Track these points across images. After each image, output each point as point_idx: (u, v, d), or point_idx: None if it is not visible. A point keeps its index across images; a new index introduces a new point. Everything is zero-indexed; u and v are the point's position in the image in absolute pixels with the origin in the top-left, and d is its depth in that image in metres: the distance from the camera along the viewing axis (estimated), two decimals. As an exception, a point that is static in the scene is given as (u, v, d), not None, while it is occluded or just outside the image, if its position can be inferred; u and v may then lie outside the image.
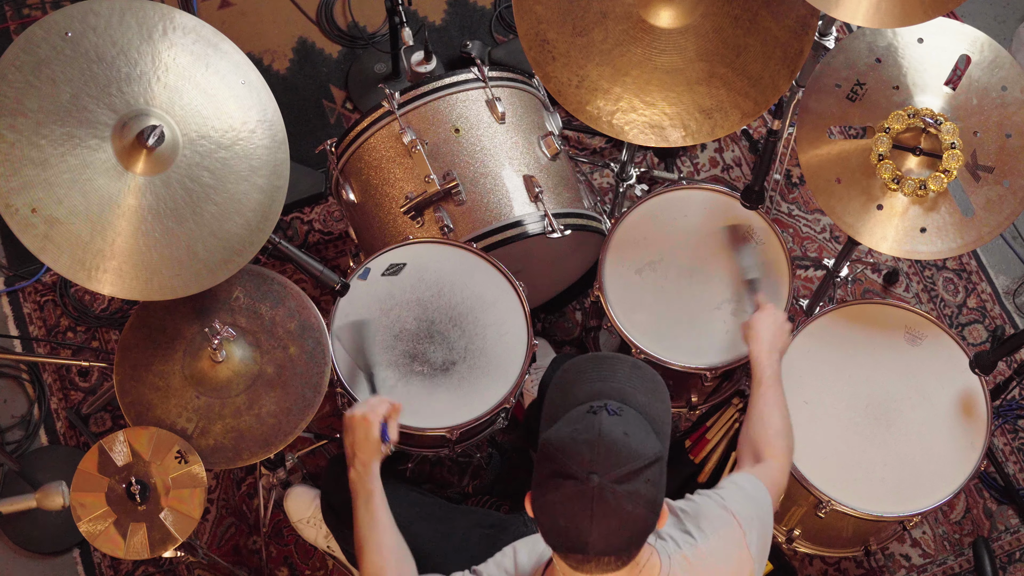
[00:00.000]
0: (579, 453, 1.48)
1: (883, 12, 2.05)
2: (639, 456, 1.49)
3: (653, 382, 1.62)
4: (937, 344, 2.44)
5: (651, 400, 1.58)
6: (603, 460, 1.47)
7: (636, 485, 1.48)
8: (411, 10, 3.38)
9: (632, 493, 1.47)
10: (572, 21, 2.26)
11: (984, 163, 2.25)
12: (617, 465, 1.47)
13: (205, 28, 2.11)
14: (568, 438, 1.51)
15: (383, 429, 1.98)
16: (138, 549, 2.10)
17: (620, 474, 1.47)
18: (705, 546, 1.70)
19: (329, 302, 2.58)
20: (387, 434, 1.99)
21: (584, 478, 1.47)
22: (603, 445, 1.48)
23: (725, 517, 1.74)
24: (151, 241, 2.02)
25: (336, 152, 2.70)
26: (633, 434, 1.50)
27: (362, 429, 1.96)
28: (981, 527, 2.90)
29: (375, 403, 2.01)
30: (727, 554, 1.71)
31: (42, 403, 2.95)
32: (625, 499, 1.47)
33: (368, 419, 1.97)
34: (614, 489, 1.47)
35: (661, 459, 1.52)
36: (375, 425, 1.97)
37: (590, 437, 1.49)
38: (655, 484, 1.50)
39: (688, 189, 2.60)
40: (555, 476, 1.50)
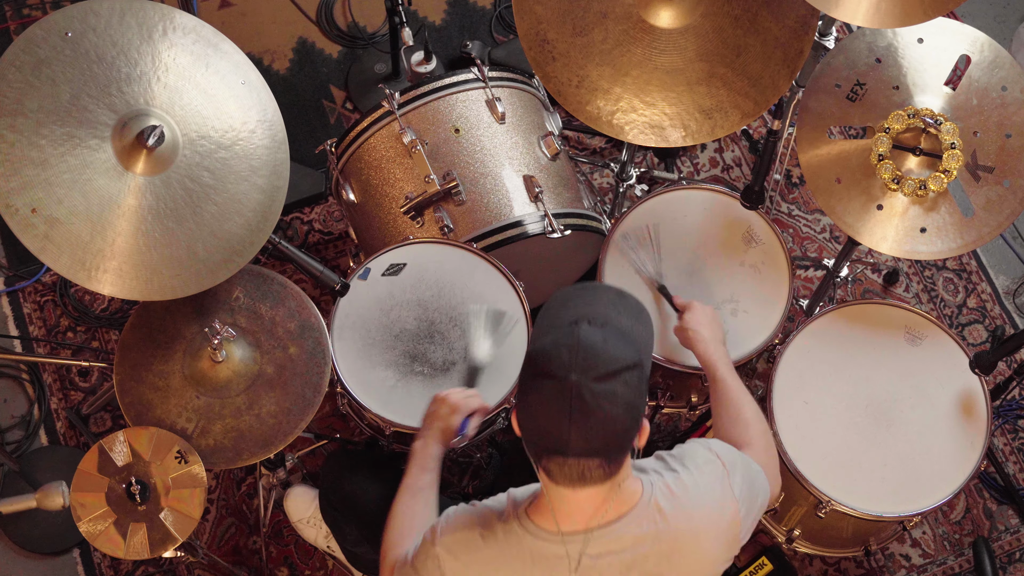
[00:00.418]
0: (559, 356, 1.53)
1: (883, 12, 2.05)
2: (617, 359, 1.53)
3: (637, 308, 1.66)
4: (937, 344, 2.44)
5: (634, 324, 1.62)
6: (582, 361, 1.51)
7: (614, 385, 1.52)
8: (411, 10, 3.38)
9: (610, 392, 1.51)
10: (572, 21, 2.26)
11: (984, 163, 2.25)
12: (595, 366, 1.52)
13: (205, 28, 2.11)
14: (549, 343, 1.56)
15: (464, 422, 2.03)
16: (138, 549, 2.10)
17: (598, 374, 1.51)
18: (688, 479, 1.72)
19: (329, 302, 2.58)
20: (466, 428, 2.03)
21: (563, 376, 1.51)
22: (582, 348, 1.52)
23: (709, 456, 1.76)
24: (151, 241, 2.02)
25: (336, 152, 2.70)
26: (612, 341, 1.54)
27: (447, 413, 2.02)
28: (981, 527, 2.90)
29: (469, 395, 2.07)
30: (710, 488, 1.72)
31: (42, 403, 2.95)
32: (603, 398, 1.51)
33: (458, 407, 2.03)
34: (592, 387, 1.50)
35: (640, 366, 1.55)
36: (460, 415, 2.03)
37: (569, 342, 1.54)
38: (633, 388, 1.54)
39: (688, 189, 2.60)
40: (536, 377, 1.55)
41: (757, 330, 2.46)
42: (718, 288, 2.50)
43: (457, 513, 1.76)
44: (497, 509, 1.74)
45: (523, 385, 1.58)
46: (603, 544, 1.65)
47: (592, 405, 1.51)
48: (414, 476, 1.96)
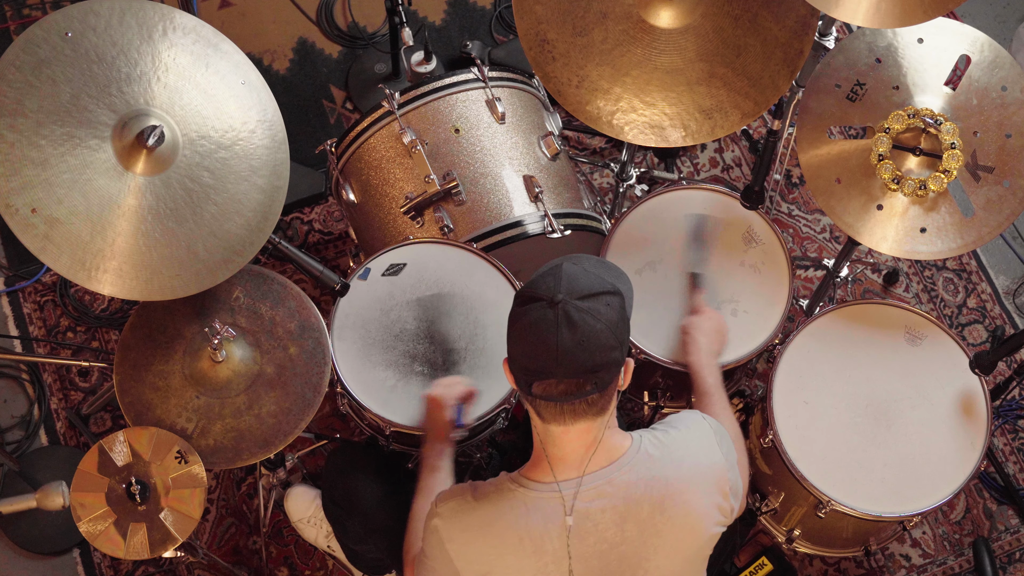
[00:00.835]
0: (544, 282, 1.66)
1: (883, 12, 2.05)
2: (598, 284, 1.65)
3: (617, 271, 1.75)
4: (937, 344, 2.44)
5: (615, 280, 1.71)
6: (566, 284, 1.64)
7: (596, 304, 1.63)
8: (411, 10, 3.38)
9: (593, 310, 1.62)
10: (572, 21, 2.26)
11: (984, 163, 2.25)
12: (578, 289, 1.64)
13: (205, 28, 2.11)
14: (536, 278, 1.69)
15: (458, 412, 2.03)
16: (138, 549, 2.10)
17: (581, 294, 1.63)
18: (676, 434, 1.79)
19: (329, 302, 2.58)
20: (461, 418, 2.05)
21: (549, 298, 1.63)
22: (565, 276, 1.65)
23: (697, 418, 1.84)
24: (151, 241, 2.02)
25: (336, 152, 2.70)
26: (592, 273, 1.67)
27: (436, 411, 2.08)
28: (981, 527, 2.90)
29: (449, 382, 2.13)
30: (698, 443, 1.79)
31: (42, 403, 2.95)
32: (587, 313, 1.61)
33: (442, 403, 2.08)
34: (576, 304, 1.61)
35: (620, 295, 1.67)
36: (449, 408, 2.08)
37: (552, 270, 1.67)
38: (615, 311, 1.64)
39: (688, 189, 2.60)
40: (523, 303, 1.66)
41: (757, 330, 2.45)
42: (718, 288, 2.49)
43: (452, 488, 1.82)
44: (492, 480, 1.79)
45: (512, 316, 1.67)
46: (596, 489, 1.70)
47: (577, 319, 1.60)
48: (425, 478, 2.03)
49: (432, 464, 2.03)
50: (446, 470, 2.03)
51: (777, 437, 2.36)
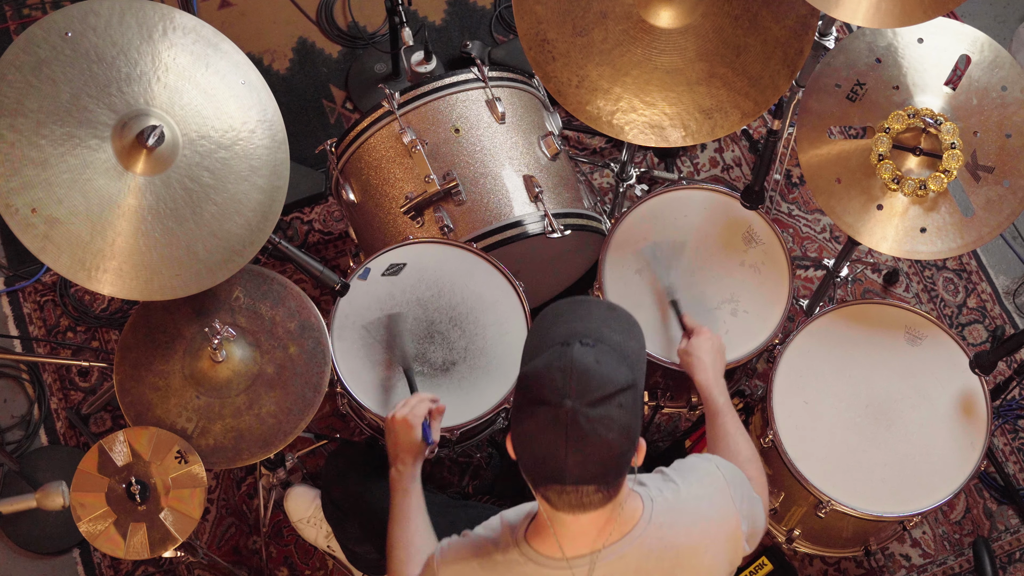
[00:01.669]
0: (552, 380, 1.51)
1: (883, 12, 2.05)
2: (611, 381, 1.51)
3: (628, 323, 1.65)
4: (937, 344, 2.44)
5: (626, 339, 1.61)
6: (575, 385, 1.50)
7: (609, 409, 1.50)
8: (411, 10, 3.38)
9: (605, 417, 1.50)
10: (572, 21, 2.26)
11: (984, 163, 2.25)
12: (589, 390, 1.50)
13: (205, 28, 2.11)
14: (542, 367, 1.54)
15: (425, 430, 1.98)
16: (138, 549, 2.10)
17: (592, 398, 1.49)
18: (687, 492, 1.71)
19: (329, 302, 2.58)
20: (430, 435, 1.98)
21: (557, 403, 1.49)
22: (575, 371, 1.51)
23: (709, 468, 1.76)
24: (151, 241, 2.02)
25: (336, 152, 2.70)
26: (605, 362, 1.53)
27: (403, 431, 1.99)
28: (981, 527, 2.90)
29: (414, 403, 2.03)
30: (710, 500, 1.72)
31: (42, 403, 2.95)
32: (598, 423, 1.49)
33: (408, 421, 1.99)
34: (587, 413, 1.49)
35: (634, 387, 1.54)
36: (416, 427, 1.99)
37: (562, 365, 1.52)
38: (628, 410, 1.52)
39: (688, 189, 2.60)
40: (530, 404, 1.53)
41: (757, 330, 2.45)
42: (718, 288, 2.49)
43: (452, 546, 1.74)
44: (493, 538, 1.72)
45: (517, 412, 1.55)
46: (608, 566, 1.64)
47: (588, 431, 1.49)
48: (399, 504, 1.95)
49: (404, 487, 1.95)
50: (417, 493, 1.95)
51: (777, 437, 2.36)
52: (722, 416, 2.05)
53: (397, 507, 1.94)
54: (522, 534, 1.68)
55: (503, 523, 1.73)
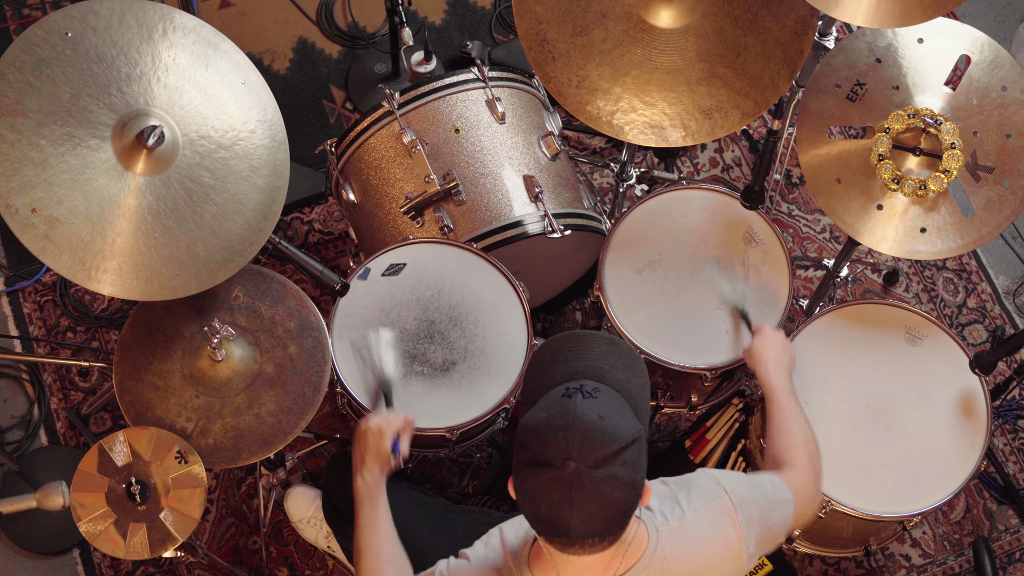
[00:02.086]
0: (554, 439, 1.49)
1: (883, 12, 2.05)
2: (615, 438, 1.49)
3: (630, 358, 1.63)
4: (937, 344, 2.44)
5: (628, 376, 1.59)
6: (578, 445, 1.47)
7: (613, 468, 1.48)
8: (411, 10, 3.38)
9: (610, 476, 1.48)
10: (572, 21, 2.26)
11: (984, 163, 2.25)
12: (593, 449, 1.47)
13: (205, 28, 2.11)
14: (544, 424, 1.51)
15: (395, 443, 1.99)
16: (138, 549, 2.10)
17: (596, 458, 1.47)
18: (693, 518, 1.70)
19: (329, 302, 2.58)
20: (398, 448, 2.00)
21: (560, 464, 1.47)
22: (578, 430, 1.48)
23: (716, 491, 1.74)
24: (151, 241, 2.02)
25: (336, 152, 2.70)
26: (608, 416, 1.50)
27: (374, 440, 1.98)
28: (981, 527, 2.90)
29: (390, 417, 2.03)
30: (716, 527, 1.71)
31: (42, 403, 2.95)
32: (603, 483, 1.47)
33: (382, 431, 1.99)
34: (591, 474, 1.47)
35: (639, 439, 1.52)
36: (388, 438, 1.99)
37: (564, 422, 1.49)
38: (633, 465, 1.50)
39: (688, 189, 2.60)
40: (532, 464, 1.50)
41: (757, 330, 2.45)
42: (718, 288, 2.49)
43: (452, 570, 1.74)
44: (495, 564, 1.71)
45: (519, 468, 1.53)
46: None
47: (592, 491, 1.47)
48: (367, 514, 1.94)
49: (371, 498, 1.95)
50: (384, 502, 1.94)
51: (777, 437, 2.36)
52: (778, 406, 2.06)
53: (365, 516, 1.93)
54: (525, 561, 1.67)
55: (504, 546, 1.72)
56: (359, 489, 1.96)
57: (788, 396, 2.09)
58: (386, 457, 1.98)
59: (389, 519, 1.94)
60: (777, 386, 2.12)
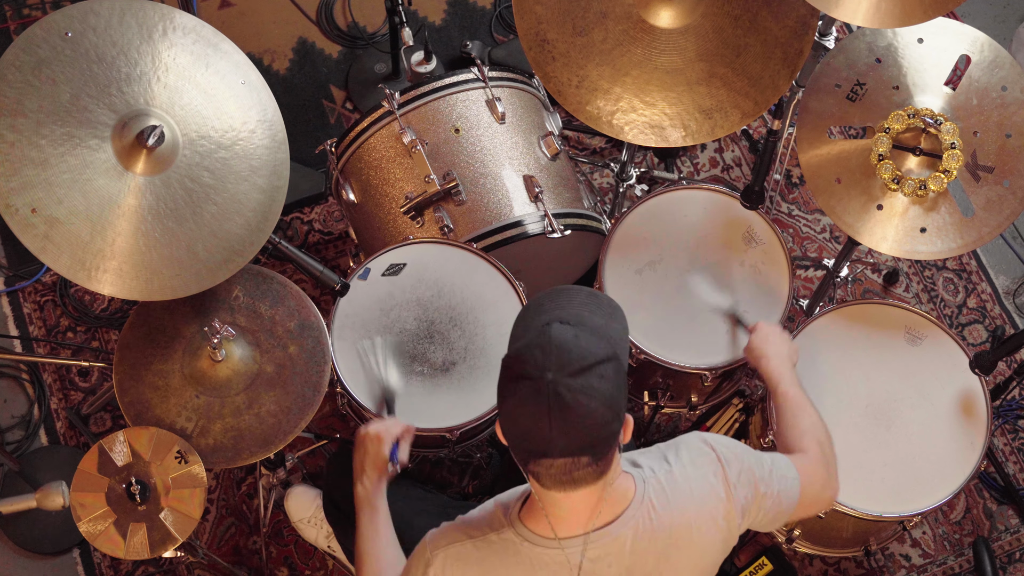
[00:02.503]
0: (532, 356, 1.54)
1: (883, 12, 2.05)
2: (590, 354, 1.53)
3: (610, 307, 1.67)
4: (937, 344, 2.44)
5: (608, 321, 1.63)
6: (555, 359, 1.52)
7: (589, 379, 1.52)
8: (411, 10, 3.38)
9: (586, 387, 1.51)
10: (572, 21, 2.26)
11: (984, 163, 2.25)
12: (569, 362, 1.52)
13: (205, 28, 2.11)
14: (523, 347, 1.57)
15: (393, 449, 2.00)
16: (138, 549, 2.10)
17: (572, 369, 1.52)
18: (680, 472, 1.72)
19: (329, 302, 2.58)
20: (396, 455, 2.01)
21: (538, 376, 1.52)
22: (554, 346, 1.53)
23: (703, 448, 1.76)
24: (151, 241, 2.02)
25: (336, 152, 2.70)
26: (584, 337, 1.55)
27: (373, 447, 2.00)
28: (981, 527, 2.90)
29: (390, 424, 2.05)
30: (703, 480, 1.73)
31: (42, 403, 2.95)
32: (580, 393, 1.51)
33: (381, 438, 2.00)
34: (568, 383, 1.51)
35: (615, 359, 1.56)
36: (387, 444, 2.01)
37: (542, 342, 1.55)
38: (610, 381, 1.54)
39: (688, 189, 2.60)
40: (512, 381, 1.55)
41: (757, 330, 2.45)
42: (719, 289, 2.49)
43: (443, 530, 1.75)
44: (486, 518, 1.73)
45: (501, 391, 1.58)
46: (601, 547, 1.66)
47: (570, 401, 1.51)
48: (367, 520, 1.95)
49: (371, 504, 1.96)
50: (384, 508, 1.96)
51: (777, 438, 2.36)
52: (783, 396, 2.07)
53: (366, 522, 1.95)
54: (516, 514, 1.70)
55: (496, 504, 1.75)
56: (359, 496, 1.98)
57: (792, 386, 2.09)
58: (384, 464, 1.99)
59: (389, 525, 1.95)
60: (779, 377, 2.12)
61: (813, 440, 1.96)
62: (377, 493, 1.97)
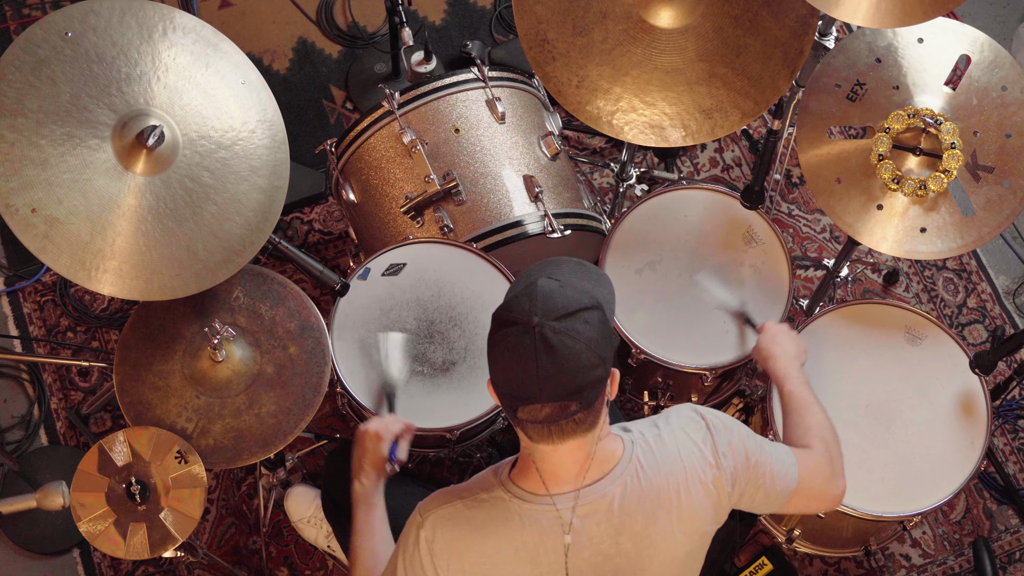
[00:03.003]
0: (519, 304, 1.59)
1: (883, 12, 2.06)
2: (575, 301, 1.59)
3: (597, 274, 1.71)
4: (937, 344, 2.44)
5: (594, 286, 1.67)
6: (541, 305, 1.57)
7: (574, 323, 1.57)
8: (411, 10, 3.38)
9: (571, 330, 1.56)
10: (572, 21, 2.26)
11: (984, 163, 2.25)
12: (554, 308, 1.57)
13: (205, 28, 2.11)
14: (510, 298, 1.63)
15: (392, 448, 2.00)
16: (138, 549, 2.10)
17: (557, 314, 1.57)
18: (669, 436, 1.75)
19: (329, 302, 2.58)
20: (395, 454, 2.01)
21: (524, 321, 1.57)
22: (539, 294, 1.59)
23: (693, 416, 1.79)
24: (151, 241, 2.02)
25: (336, 152, 2.70)
26: (568, 289, 1.60)
27: (372, 445, 2.01)
28: (981, 527, 2.90)
29: (389, 422, 2.06)
30: (691, 445, 1.75)
31: (42, 403, 2.95)
32: (565, 335, 1.55)
33: (380, 435, 2.01)
34: (553, 326, 1.56)
35: (600, 308, 1.61)
36: (386, 442, 2.01)
37: (528, 292, 1.60)
38: (594, 327, 1.58)
39: (688, 189, 2.60)
40: (499, 329, 1.61)
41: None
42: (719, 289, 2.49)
43: (434, 495, 1.78)
44: (476, 482, 1.76)
45: (490, 341, 1.63)
46: (591, 504, 1.68)
47: (555, 342, 1.55)
48: (363, 517, 1.95)
49: (368, 502, 1.96)
50: (381, 506, 1.97)
51: (777, 437, 2.36)
52: (788, 395, 2.08)
53: (362, 520, 1.95)
54: (506, 474, 1.72)
55: (487, 470, 1.77)
56: (356, 493, 1.98)
57: (798, 385, 2.10)
58: (383, 462, 1.99)
59: (385, 522, 1.96)
60: (786, 376, 2.13)
61: (817, 438, 1.96)
62: (374, 491, 1.97)
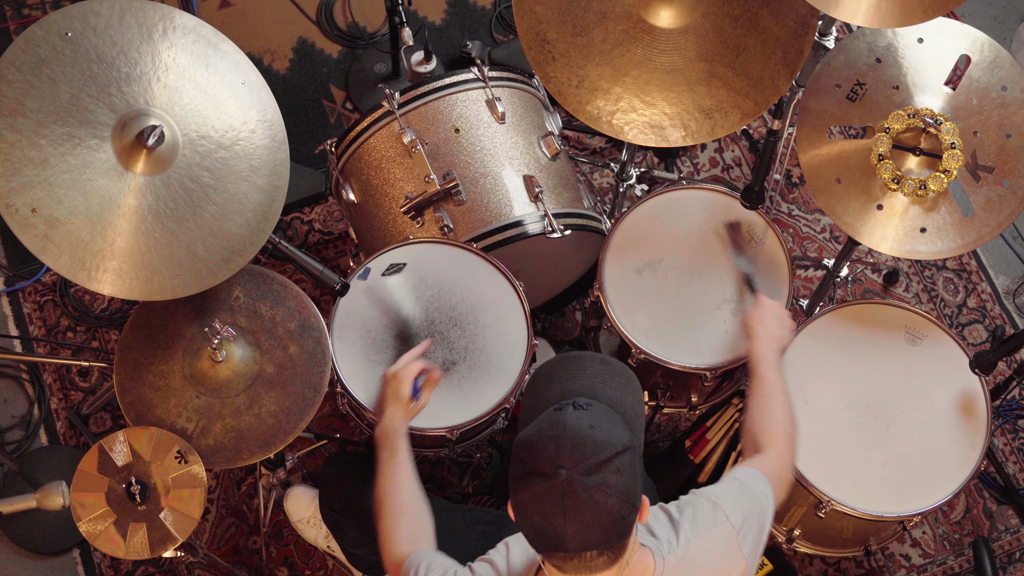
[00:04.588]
0: (545, 449, 1.48)
1: (883, 12, 2.06)
2: (606, 446, 1.48)
3: (624, 376, 1.63)
4: (937, 344, 2.44)
5: (622, 394, 1.59)
6: (569, 453, 1.47)
7: (605, 475, 1.47)
8: (411, 10, 3.38)
9: (602, 484, 1.47)
10: (572, 21, 2.26)
11: (984, 163, 2.25)
12: (584, 457, 1.47)
13: (205, 28, 2.11)
14: (534, 435, 1.51)
15: (415, 388, 1.99)
16: (138, 549, 2.10)
17: (587, 466, 1.46)
18: (697, 544, 1.70)
19: (329, 302, 2.58)
20: (417, 390, 2.02)
21: (551, 473, 1.46)
22: (567, 439, 1.48)
23: (717, 516, 1.74)
24: (151, 241, 2.02)
25: (336, 152, 2.70)
26: (599, 426, 1.50)
27: (395, 384, 2.03)
28: (981, 527, 2.90)
29: (409, 359, 2.07)
30: (720, 554, 1.72)
31: (42, 403, 2.95)
32: (595, 490, 1.46)
33: (401, 375, 2.02)
34: (582, 481, 1.46)
35: (631, 448, 1.51)
36: (408, 381, 2.03)
37: (555, 433, 1.49)
38: (626, 474, 1.49)
39: (688, 189, 2.60)
40: (525, 476, 1.50)
41: (757, 330, 2.45)
42: (718, 288, 2.49)
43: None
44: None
45: (514, 482, 1.53)
46: None
47: (585, 499, 1.46)
48: (387, 460, 1.94)
49: (391, 446, 1.94)
50: (405, 451, 1.94)
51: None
52: (759, 379, 2.06)
53: (386, 464, 1.92)
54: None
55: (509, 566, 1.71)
56: (378, 436, 1.99)
57: (773, 370, 2.08)
58: (406, 400, 2.00)
59: (408, 466, 1.94)
60: (761, 359, 2.11)
61: (782, 431, 1.96)
62: (396, 434, 1.98)
